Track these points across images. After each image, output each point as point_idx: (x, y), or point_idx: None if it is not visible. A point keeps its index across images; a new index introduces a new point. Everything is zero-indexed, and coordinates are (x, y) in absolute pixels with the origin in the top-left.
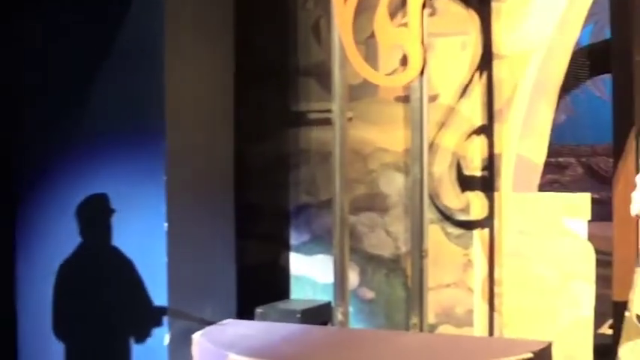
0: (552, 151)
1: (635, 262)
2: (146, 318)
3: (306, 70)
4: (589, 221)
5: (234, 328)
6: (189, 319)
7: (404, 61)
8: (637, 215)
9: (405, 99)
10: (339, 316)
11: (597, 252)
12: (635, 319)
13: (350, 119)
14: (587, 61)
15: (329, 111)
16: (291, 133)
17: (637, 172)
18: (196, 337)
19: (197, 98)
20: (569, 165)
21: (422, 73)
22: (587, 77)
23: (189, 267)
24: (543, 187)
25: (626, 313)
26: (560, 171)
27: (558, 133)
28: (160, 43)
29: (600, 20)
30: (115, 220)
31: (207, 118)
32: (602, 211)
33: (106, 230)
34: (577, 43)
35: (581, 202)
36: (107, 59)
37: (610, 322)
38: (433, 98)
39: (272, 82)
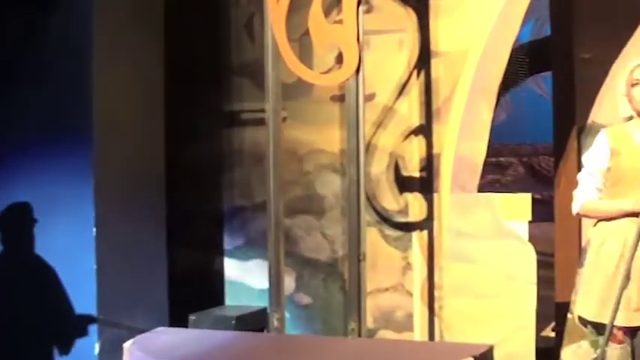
0: (493, 151)
1: (577, 263)
2: (74, 327)
3: (239, 68)
4: (530, 222)
5: (166, 336)
6: (120, 327)
7: (339, 59)
8: (579, 214)
9: (341, 98)
10: (274, 322)
11: (539, 253)
12: (577, 321)
13: (284, 119)
14: (527, 58)
15: (263, 111)
16: (224, 133)
17: (579, 171)
18: (127, 346)
19: (126, 98)
20: (510, 165)
21: (358, 71)
22: (527, 75)
23: (119, 273)
24: (484, 187)
25: (569, 315)
26: (501, 171)
27: (499, 132)
28: (88, 40)
29: (541, 16)
30: (41, 226)
31: (136, 119)
32: (544, 212)
33: (31, 236)
34: (517, 40)
35: (522, 202)
36: (31, 56)
37: (553, 324)
38: (370, 97)
39: (204, 81)
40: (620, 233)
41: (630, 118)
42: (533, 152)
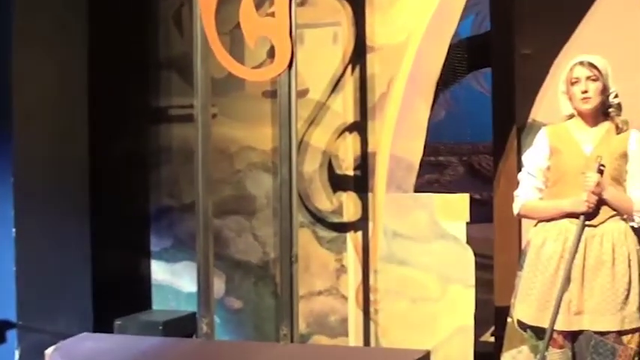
0: (431, 150)
1: (517, 266)
2: None
3: (167, 62)
4: (469, 223)
5: (90, 342)
6: (41, 333)
7: (272, 53)
8: (519, 214)
9: (273, 94)
10: (204, 327)
11: (477, 255)
12: (517, 326)
13: (214, 115)
14: (467, 54)
15: (191, 107)
16: (151, 130)
17: (519, 171)
18: (49, 352)
19: (47, 92)
20: (449, 164)
21: (290, 66)
22: (466, 71)
23: (41, 276)
24: (423, 187)
25: (509, 320)
26: (440, 170)
27: (437, 131)
28: (6, 32)
29: (482, 11)
30: None
31: (59, 115)
32: (484, 212)
33: None
34: (456, 35)
35: (459, 203)
36: None
37: (492, 329)
38: (303, 93)
39: (130, 75)
40: (561, 234)
41: (571, 116)
42: (473, 151)
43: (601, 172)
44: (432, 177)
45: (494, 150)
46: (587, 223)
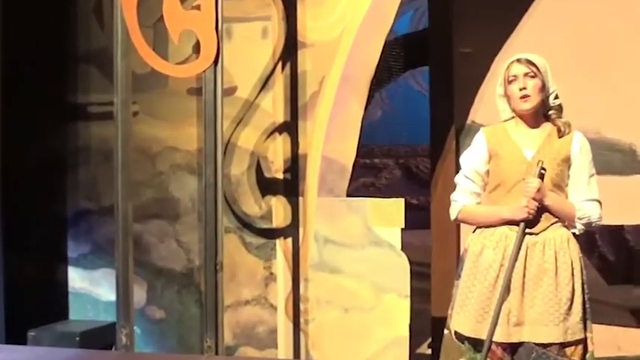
0: (365, 152)
1: (454, 274)
2: None
3: (86, 56)
4: (404, 229)
5: (2, 354)
6: None
7: (197, 48)
8: (457, 219)
9: (198, 91)
10: (123, 338)
11: (413, 263)
12: (454, 337)
13: (135, 113)
14: (404, 51)
15: (111, 104)
16: (68, 128)
17: (457, 174)
18: None
19: None
20: (385, 167)
21: (216, 62)
22: (403, 70)
23: None
24: (358, 191)
25: (445, 331)
26: (376, 174)
27: (372, 132)
28: None
29: (421, 7)
30: None
31: None
32: (422, 218)
33: None
34: (393, 32)
35: (394, 208)
36: None
37: (429, 340)
38: (230, 91)
39: (46, 70)
40: (500, 242)
41: (511, 118)
42: (411, 153)
43: (542, 176)
44: (367, 180)
45: (432, 152)
46: (527, 230)
